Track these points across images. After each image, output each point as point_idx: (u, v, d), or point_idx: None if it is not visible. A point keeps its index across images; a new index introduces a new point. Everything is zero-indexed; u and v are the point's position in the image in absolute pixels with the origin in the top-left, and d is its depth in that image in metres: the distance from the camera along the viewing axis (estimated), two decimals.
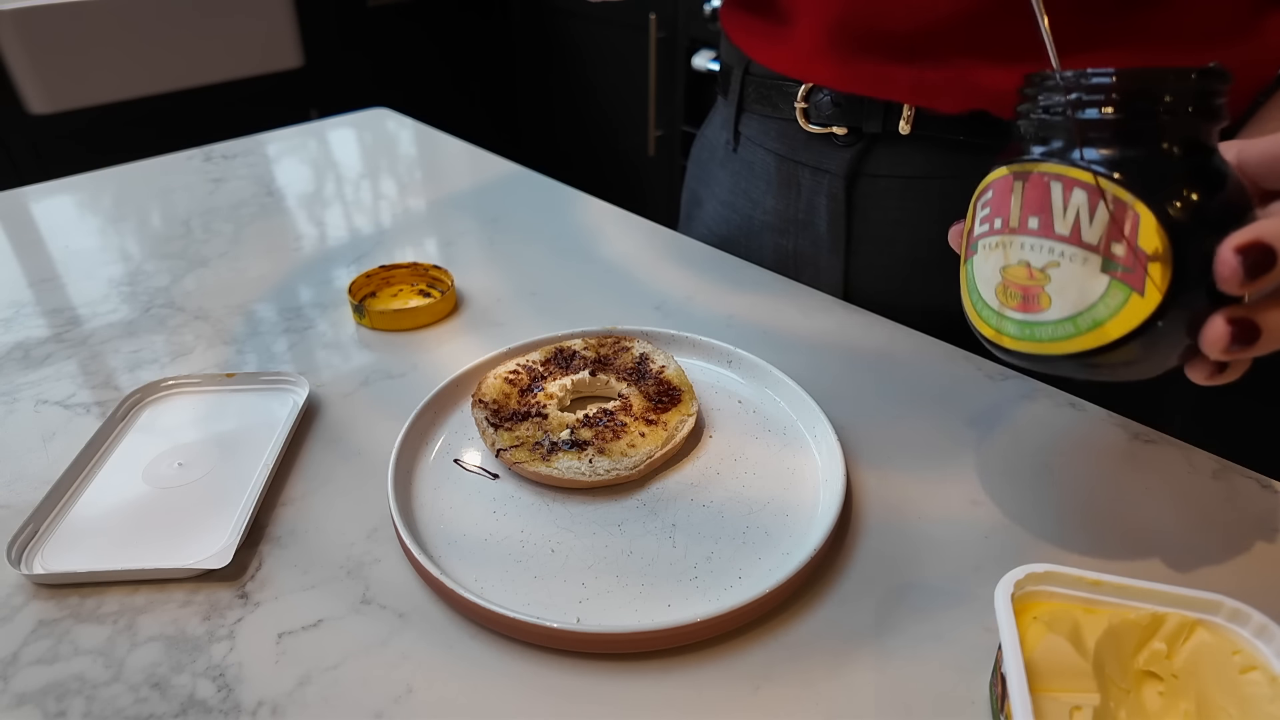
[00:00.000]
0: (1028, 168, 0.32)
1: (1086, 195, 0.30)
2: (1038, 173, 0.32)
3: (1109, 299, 0.30)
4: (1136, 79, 0.30)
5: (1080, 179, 0.30)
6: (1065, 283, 0.31)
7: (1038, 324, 0.32)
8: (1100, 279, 0.30)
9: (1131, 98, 0.30)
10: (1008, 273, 0.33)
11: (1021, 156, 0.33)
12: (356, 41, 2.11)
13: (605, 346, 0.52)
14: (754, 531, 0.40)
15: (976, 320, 0.36)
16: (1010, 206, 0.33)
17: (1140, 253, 0.29)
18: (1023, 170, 0.32)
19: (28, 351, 0.56)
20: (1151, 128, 0.30)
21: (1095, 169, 0.30)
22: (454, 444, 0.46)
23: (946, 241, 0.57)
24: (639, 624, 0.34)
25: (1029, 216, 0.32)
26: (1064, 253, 0.31)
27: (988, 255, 0.34)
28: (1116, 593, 0.32)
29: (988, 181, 0.35)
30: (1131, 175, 0.29)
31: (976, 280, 0.35)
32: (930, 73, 0.52)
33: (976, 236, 0.35)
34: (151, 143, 1.05)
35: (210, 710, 0.33)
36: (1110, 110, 0.30)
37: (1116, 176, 0.30)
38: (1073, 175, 0.30)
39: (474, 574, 0.38)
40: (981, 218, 0.35)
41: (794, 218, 0.64)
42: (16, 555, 0.38)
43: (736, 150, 0.68)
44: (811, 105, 0.59)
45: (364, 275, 0.62)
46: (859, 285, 0.63)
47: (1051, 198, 0.31)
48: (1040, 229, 0.32)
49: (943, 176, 0.56)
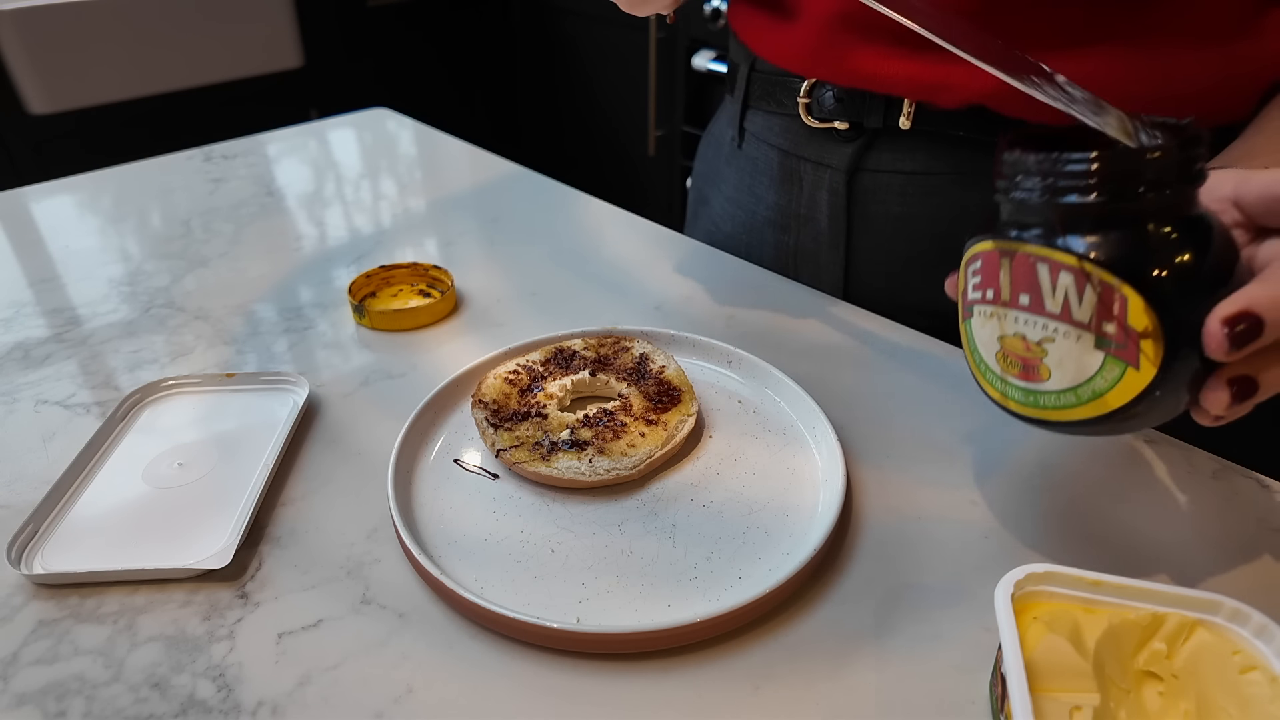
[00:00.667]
0: (1012, 246, 0.32)
1: (1073, 278, 0.30)
2: (1022, 253, 0.32)
3: (1106, 373, 0.31)
4: (1115, 162, 0.29)
5: (1065, 262, 0.30)
6: (1062, 357, 0.32)
7: (1041, 393, 0.33)
8: (1095, 354, 0.31)
9: (1111, 182, 0.29)
10: (1005, 342, 0.33)
11: (1006, 234, 0.32)
12: (356, 41, 2.11)
13: (605, 346, 0.52)
14: (754, 531, 0.40)
15: (982, 381, 0.36)
16: (1000, 281, 0.33)
17: (1131, 331, 0.29)
18: (1008, 248, 0.32)
19: (28, 351, 0.56)
20: (1133, 209, 0.29)
21: (1079, 254, 0.30)
22: (454, 444, 0.46)
23: (947, 237, 0.58)
24: (639, 624, 0.34)
25: (1019, 293, 0.32)
26: (1057, 329, 0.31)
27: (984, 322, 0.35)
28: (1116, 593, 0.32)
29: (976, 250, 0.34)
30: (1115, 258, 0.29)
31: (977, 344, 0.36)
32: (930, 67, 0.52)
33: (970, 301, 0.35)
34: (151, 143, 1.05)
35: (210, 710, 0.33)
36: (1090, 196, 0.29)
37: (1101, 260, 0.29)
38: (1058, 259, 0.30)
39: (474, 574, 0.38)
40: (973, 284, 0.35)
41: (796, 213, 0.65)
42: (16, 555, 0.38)
43: (741, 147, 0.68)
44: (814, 100, 0.59)
45: (364, 275, 0.62)
46: (859, 281, 0.63)
47: (1039, 278, 0.31)
48: (1031, 306, 0.32)
49: (944, 173, 0.56)
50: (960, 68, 0.51)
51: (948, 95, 0.53)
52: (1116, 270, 0.29)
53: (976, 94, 0.52)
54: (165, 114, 1.75)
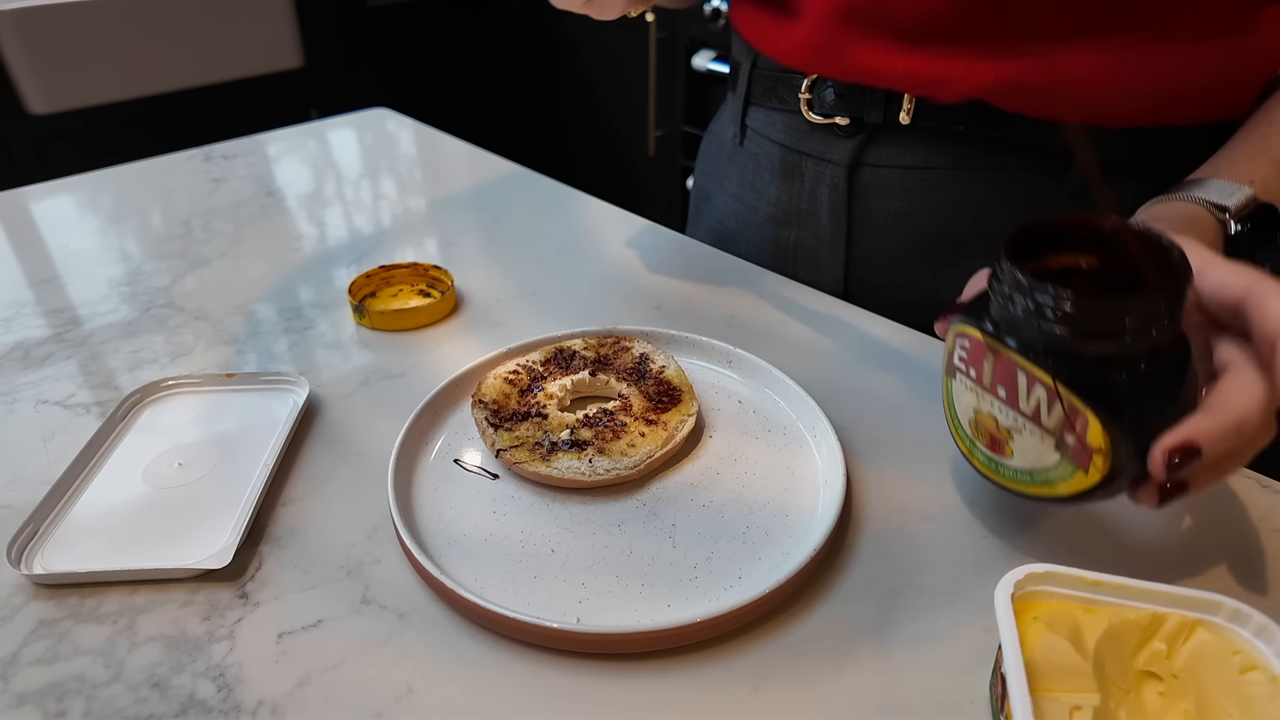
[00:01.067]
0: (998, 348, 0.35)
1: (1045, 392, 0.33)
2: (1005, 356, 0.34)
3: (1060, 469, 0.34)
4: (1096, 308, 0.31)
5: (1040, 379, 0.33)
6: (1025, 446, 0.35)
7: (1002, 464, 0.37)
8: (1054, 453, 0.34)
9: (1090, 323, 0.31)
10: (980, 416, 0.37)
11: (995, 335, 0.35)
12: (356, 41, 2.11)
13: (605, 346, 0.52)
14: (754, 531, 0.40)
15: (955, 434, 0.40)
16: (984, 368, 0.36)
17: (1088, 446, 0.33)
18: (994, 346, 0.35)
19: (28, 351, 0.56)
20: (1109, 347, 0.32)
21: (1053, 375, 0.33)
22: (454, 444, 0.46)
23: (946, 232, 0.58)
24: (639, 624, 0.34)
25: (998, 385, 0.35)
26: (1025, 425, 0.35)
27: (964, 391, 0.38)
28: (1116, 593, 0.32)
29: (966, 330, 0.37)
30: (1084, 387, 0.32)
31: (956, 405, 0.39)
32: (929, 62, 0.53)
33: (955, 366, 0.38)
34: (151, 143, 1.05)
35: (210, 710, 0.33)
36: (1070, 332, 0.32)
37: (1071, 387, 0.32)
38: (1036, 374, 0.33)
39: (474, 574, 0.38)
40: (959, 356, 0.38)
41: (797, 208, 0.65)
42: (16, 555, 0.38)
43: (743, 144, 0.69)
44: (815, 96, 0.59)
45: (364, 275, 0.62)
46: (860, 276, 0.63)
47: (1017, 381, 0.34)
48: (1007, 400, 0.35)
49: (943, 167, 0.57)
50: (958, 62, 0.51)
51: (946, 90, 0.53)
52: (1084, 397, 0.32)
53: (975, 89, 0.52)
54: (165, 114, 1.75)
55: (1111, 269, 0.36)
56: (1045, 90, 0.51)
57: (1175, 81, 0.49)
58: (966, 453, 0.39)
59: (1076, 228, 0.36)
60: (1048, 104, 0.51)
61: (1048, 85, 0.51)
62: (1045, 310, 0.32)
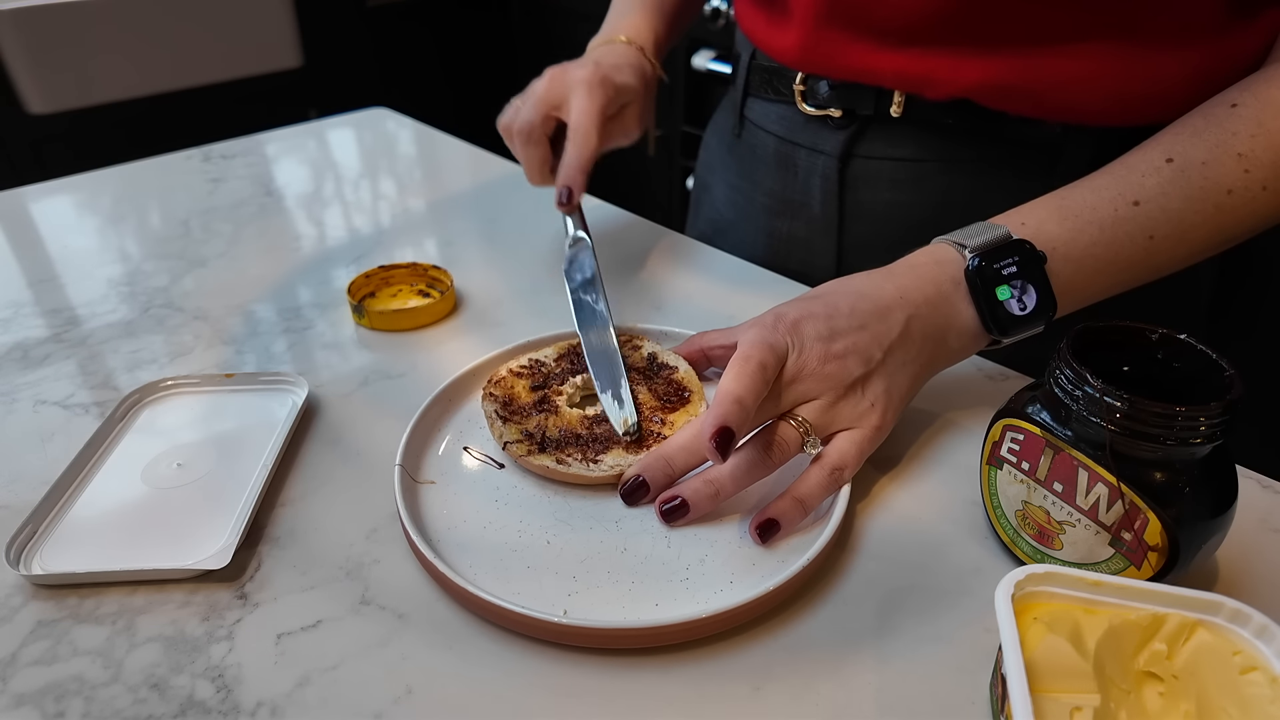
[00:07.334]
0: (1060, 445, 0.35)
1: (1108, 490, 0.34)
2: (1068, 454, 0.35)
3: (1112, 564, 0.35)
4: (1170, 418, 0.32)
5: (1105, 478, 0.34)
6: (1077, 540, 0.36)
7: (1049, 556, 0.37)
8: (1108, 549, 0.35)
9: (1161, 431, 0.32)
10: (1029, 508, 0.37)
11: (1058, 433, 0.35)
12: (356, 41, 2.11)
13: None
14: (750, 536, 0.40)
15: (995, 523, 0.40)
16: (1039, 463, 0.36)
17: (1145, 543, 0.34)
18: (1054, 444, 0.35)
19: (27, 351, 0.56)
20: (1179, 454, 0.33)
21: (1119, 477, 0.33)
22: (460, 438, 0.47)
23: (935, 223, 0.58)
24: (624, 620, 0.34)
25: (1055, 480, 0.36)
26: (1081, 520, 0.35)
27: (1012, 481, 0.38)
28: (1117, 593, 0.32)
29: (1018, 424, 0.37)
30: (1150, 489, 0.33)
31: (1000, 495, 0.39)
32: (916, 61, 0.54)
33: (1002, 457, 0.38)
34: (151, 143, 1.04)
35: (209, 711, 0.32)
36: (1144, 439, 0.32)
37: (1137, 488, 0.33)
38: (1100, 473, 0.34)
39: (469, 560, 0.38)
40: (1009, 448, 0.38)
41: (790, 199, 0.66)
42: (15, 555, 0.38)
43: (741, 135, 0.70)
44: (809, 89, 0.61)
45: (363, 275, 0.61)
46: (852, 266, 0.64)
47: (1077, 478, 0.35)
48: (1063, 495, 0.36)
49: (933, 160, 0.58)
50: (945, 63, 0.53)
51: (934, 88, 0.54)
52: (1149, 498, 0.33)
53: (961, 89, 0.53)
54: (164, 114, 1.75)
55: (1145, 371, 0.36)
56: (1029, 91, 0.52)
57: (1156, 83, 0.50)
58: (1009, 542, 0.39)
59: (1123, 334, 0.37)
60: (1032, 104, 0.52)
61: (1032, 86, 0.52)
62: (1116, 413, 0.32)
